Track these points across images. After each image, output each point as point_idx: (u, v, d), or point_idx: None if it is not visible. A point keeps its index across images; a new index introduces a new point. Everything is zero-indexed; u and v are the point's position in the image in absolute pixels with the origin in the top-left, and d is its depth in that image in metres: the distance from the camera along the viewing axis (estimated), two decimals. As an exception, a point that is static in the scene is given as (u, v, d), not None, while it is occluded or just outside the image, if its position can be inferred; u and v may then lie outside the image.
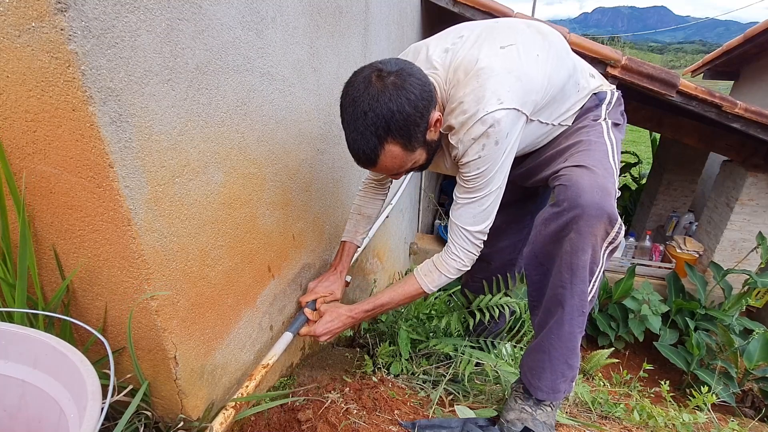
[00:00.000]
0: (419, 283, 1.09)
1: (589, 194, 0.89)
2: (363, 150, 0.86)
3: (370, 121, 0.82)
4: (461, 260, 1.04)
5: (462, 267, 1.06)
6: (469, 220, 1.01)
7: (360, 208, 1.29)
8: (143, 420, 0.80)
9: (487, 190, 0.97)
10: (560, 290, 0.97)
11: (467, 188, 0.98)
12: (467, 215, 1.01)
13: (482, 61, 0.91)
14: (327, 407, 1.08)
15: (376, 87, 0.82)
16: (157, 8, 0.60)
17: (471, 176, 0.95)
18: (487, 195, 0.98)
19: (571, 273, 0.94)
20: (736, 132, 2.88)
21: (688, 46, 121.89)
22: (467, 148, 0.92)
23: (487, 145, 0.90)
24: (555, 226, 0.95)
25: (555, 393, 1.05)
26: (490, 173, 0.94)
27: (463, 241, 1.03)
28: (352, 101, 0.84)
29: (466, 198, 1.00)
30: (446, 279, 1.08)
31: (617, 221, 0.91)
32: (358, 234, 1.30)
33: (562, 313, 0.98)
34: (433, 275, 1.08)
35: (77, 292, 0.73)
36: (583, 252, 0.92)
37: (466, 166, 0.95)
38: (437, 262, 1.08)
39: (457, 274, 1.08)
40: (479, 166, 0.93)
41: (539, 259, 1.02)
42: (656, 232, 4.42)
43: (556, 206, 0.96)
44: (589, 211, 0.89)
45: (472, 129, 0.89)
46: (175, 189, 0.69)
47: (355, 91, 0.84)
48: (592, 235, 0.91)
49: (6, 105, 0.57)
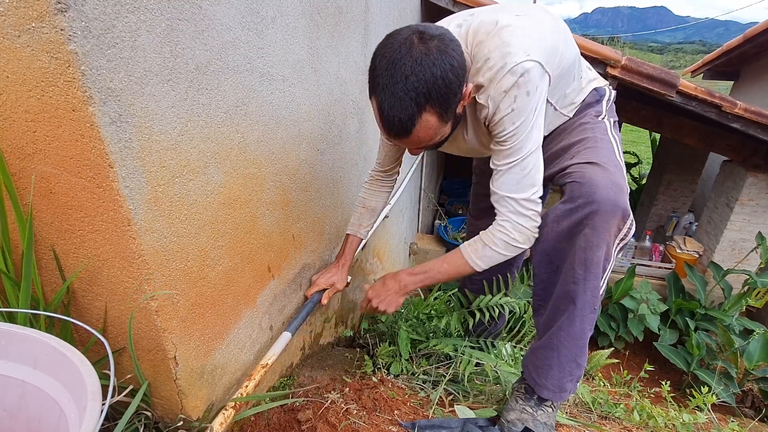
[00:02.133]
0: (464, 255, 1.04)
1: (604, 190, 0.89)
2: (399, 117, 0.79)
3: (411, 86, 0.76)
4: (507, 232, 0.98)
5: (511, 241, 0.98)
6: (513, 187, 0.95)
7: (365, 200, 1.29)
8: (143, 420, 0.80)
9: (526, 149, 0.92)
10: (573, 286, 0.96)
11: (505, 151, 0.93)
12: (510, 182, 0.95)
13: (502, 21, 0.88)
14: (327, 407, 1.08)
15: (419, 49, 0.76)
16: (157, 8, 0.60)
17: (507, 134, 0.90)
18: (527, 156, 0.92)
19: (585, 269, 0.94)
20: (736, 132, 2.88)
21: (688, 47, 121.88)
22: (498, 103, 0.88)
23: (519, 96, 0.86)
24: (568, 222, 0.94)
25: (561, 392, 1.04)
26: (526, 129, 0.90)
27: (509, 210, 0.97)
28: (391, 63, 0.76)
29: (505, 163, 0.94)
30: (493, 252, 1.01)
31: (629, 217, 0.92)
32: (362, 227, 1.30)
33: (574, 309, 0.97)
34: (476, 245, 1.02)
35: (77, 292, 0.73)
36: (597, 248, 0.92)
37: (499, 124, 0.90)
38: (483, 234, 1.02)
39: (506, 249, 1.00)
40: (514, 120, 0.88)
41: (549, 256, 1.01)
42: (656, 232, 4.42)
43: (569, 203, 0.94)
44: (604, 207, 0.89)
45: (502, 81, 0.85)
46: (175, 189, 0.69)
47: (395, 52, 0.76)
48: (606, 231, 0.91)
49: (6, 105, 0.57)
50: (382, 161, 1.25)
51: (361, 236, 1.31)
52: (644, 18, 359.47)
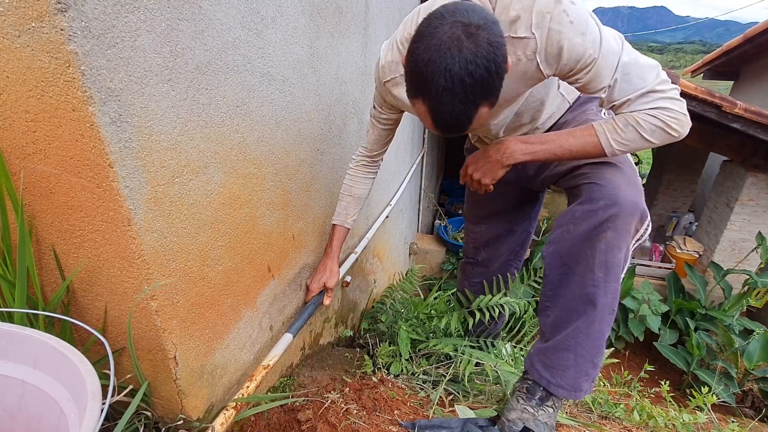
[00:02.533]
0: (598, 133, 0.89)
1: (625, 192, 0.89)
2: (457, 119, 0.74)
3: (469, 88, 0.70)
4: (662, 118, 0.83)
5: (666, 128, 0.84)
6: (641, 82, 0.82)
7: (351, 188, 1.26)
8: (143, 420, 0.80)
9: (616, 46, 0.81)
10: (592, 289, 0.95)
11: (594, 67, 0.81)
12: (634, 81, 0.82)
13: None
14: (327, 407, 1.08)
15: (469, 48, 0.69)
16: (157, 8, 0.60)
17: (582, 49, 0.79)
18: (621, 50, 0.82)
19: (606, 271, 0.93)
20: (736, 132, 2.88)
21: (687, 47, 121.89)
22: (548, 25, 0.78)
23: (567, 8, 0.77)
24: (588, 224, 0.93)
25: (577, 392, 1.04)
26: (598, 31, 0.79)
27: (654, 99, 0.83)
28: (445, 69, 0.69)
29: (608, 75, 0.82)
30: (637, 137, 0.86)
31: (647, 218, 0.92)
32: (350, 216, 1.28)
33: (594, 311, 0.96)
34: (617, 124, 0.87)
35: (77, 292, 0.73)
36: (618, 250, 0.91)
37: (568, 47, 0.79)
38: (626, 116, 0.86)
39: (657, 137, 0.85)
40: (581, 30, 0.78)
41: (563, 259, 1.00)
42: (656, 232, 4.42)
43: (588, 204, 0.93)
44: (626, 209, 0.88)
45: (539, 4, 0.77)
46: (175, 189, 0.69)
47: (444, 54, 0.69)
48: (627, 232, 0.90)
49: (6, 105, 0.57)
50: (371, 146, 1.21)
51: (348, 226, 1.28)
52: (644, 18, 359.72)
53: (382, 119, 1.15)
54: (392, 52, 0.98)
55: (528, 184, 1.29)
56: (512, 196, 1.38)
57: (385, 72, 1.02)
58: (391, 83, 1.02)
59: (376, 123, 1.17)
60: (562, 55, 0.81)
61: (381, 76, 1.03)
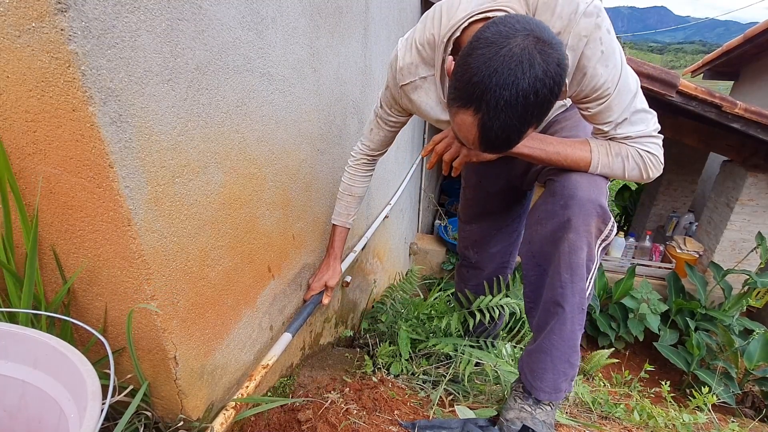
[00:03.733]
0: (592, 150, 0.91)
1: (583, 191, 0.89)
2: (509, 135, 0.71)
3: (531, 107, 0.68)
4: (644, 160, 0.89)
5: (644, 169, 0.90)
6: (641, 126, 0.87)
7: (351, 187, 1.24)
8: (143, 420, 0.80)
9: (633, 85, 0.84)
10: (560, 290, 0.97)
11: (610, 99, 0.83)
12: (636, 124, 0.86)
13: None
14: (327, 407, 1.08)
15: (541, 66, 0.65)
16: (157, 8, 0.60)
17: (606, 80, 0.80)
18: (637, 92, 0.84)
19: (571, 272, 0.94)
20: (736, 132, 2.88)
21: (688, 47, 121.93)
22: (582, 50, 0.78)
23: (603, 36, 0.77)
24: (551, 226, 0.94)
25: (557, 393, 1.05)
26: (621, 66, 0.81)
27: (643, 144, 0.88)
28: (513, 83, 0.65)
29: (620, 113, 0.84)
30: (619, 169, 0.91)
31: (610, 219, 0.92)
32: (350, 216, 1.27)
33: (563, 312, 0.98)
34: (609, 150, 0.90)
35: (77, 292, 0.73)
36: (580, 250, 0.92)
37: (592, 74, 0.80)
38: (619, 146, 0.90)
39: (632, 173, 0.91)
40: (607, 62, 0.79)
41: (536, 259, 1.02)
42: (656, 232, 4.42)
43: (550, 203, 0.94)
44: (583, 209, 0.89)
45: (579, 26, 0.76)
46: (175, 189, 0.69)
47: (515, 68, 0.65)
48: (587, 232, 0.91)
49: (6, 105, 0.57)
50: (375, 145, 1.19)
51: (348, 226, 1.28)
52: (644, 18, 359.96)
53: (390, 121, 1.13)
54: (411, 54, 0.94)
55: (516, 182, 1.29)
56: (501, 196, 1.39)
57: (404, 75, 0.97)
58: (410, 87, 0.98)
59: (382, 124, 1.14)
60: (583, 80, 0.81)
61: (399, 79, 0.98)
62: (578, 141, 0.94)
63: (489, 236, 1.48)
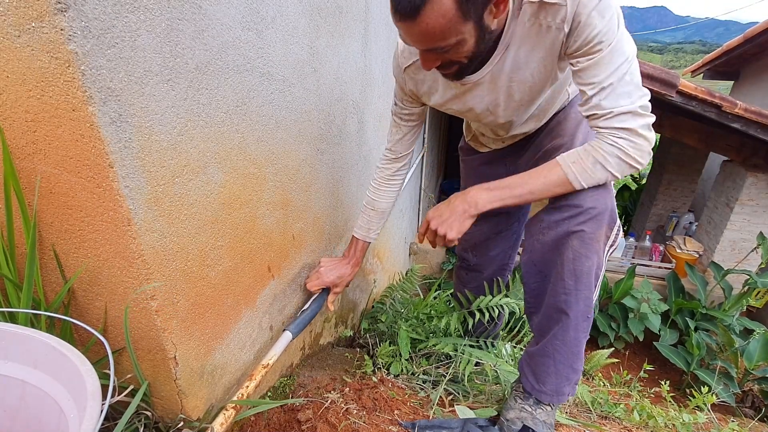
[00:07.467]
0: (566, 172, 0.86)
1: (590, 200, 0.88)
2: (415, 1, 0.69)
3: None
4: (623, 149, 0.82)
5: (627, 159, 0.82)
6: (625, 99, 0.80)
7: (375, 202, 1.23)
8: (143, 420, 0.80)
9: (627, 49, 0.79)
10: (564, 297, 0.95)
11: (601, 56, 0.78)
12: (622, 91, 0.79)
13: None
14: (327, 407, 1.08)
15: None
16: (157, 8, 0.60)
17: (599, 32, 0.76)
18: (631, 57, 0.79)
19: (576, 279, 0.92)
20: (736, 132, 2.88)
21: (688, 46, 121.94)
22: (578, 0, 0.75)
23: None
24: (555, 233, 0.92)
25: (559, 396, 1.05)
26: (617, 24, 0.77)
27: (625, 123, 0.80)
28: None
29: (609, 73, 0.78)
30: (604, 173, 0.85)
31: (616, 223, 0.91)
32: (372, 231, 1.25)
33: (567, 319, 0.96)
34: (583, 162, 0.85)
35: (77, 292, 0.73)
36: (587, 258, 0.90)
37: (587, 22, 0.76)
38: (590, 150, 0.85)
39: (620, 169, 0.84)
40: (603, 12, 0.75)
41: (538, 267, 1.00)
42: (656, 232, 4.42)
43: (555, 212, 0.93)
44: (592, 216, 0.88)
45: None
46: (175, 189, 0.69)
47: None
48: (596, 241, 0.89)
49: (6, 105, 0.57)
50: (395, 146, 1.18)
51: (371, 240, 1.26)
52: (644, 18, 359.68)
53: (404, 115, 1.14)
54: None
55: None
56: None
57: (405, 57, 1.01)
58: (413, 68, 1.02)
59: (399, 120, 1.15)
60: (578, 29, 0.78)
61: (401, 63, 1.03)
62: (545, 168, 0.90)
63: (489, 239, 1.47)
